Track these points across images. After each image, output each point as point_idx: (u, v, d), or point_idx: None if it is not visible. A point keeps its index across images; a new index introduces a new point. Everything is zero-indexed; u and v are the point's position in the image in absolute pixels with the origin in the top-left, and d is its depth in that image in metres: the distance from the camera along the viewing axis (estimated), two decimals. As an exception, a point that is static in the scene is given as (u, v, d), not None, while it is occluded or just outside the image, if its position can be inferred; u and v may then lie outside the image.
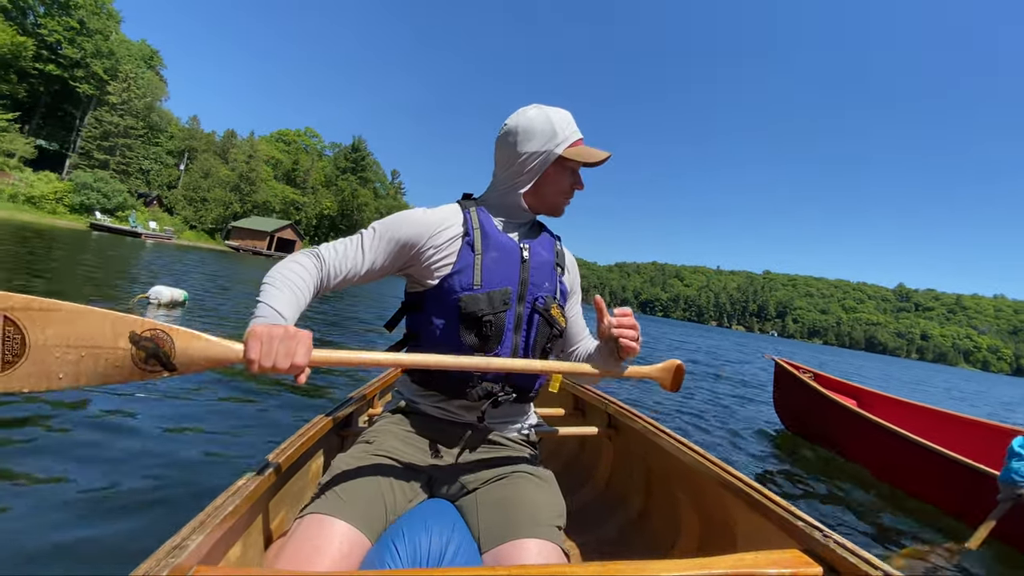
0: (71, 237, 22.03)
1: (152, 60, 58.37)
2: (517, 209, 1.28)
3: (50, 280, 7.96)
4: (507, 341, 1.19)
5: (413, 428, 1.23)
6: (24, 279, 7.52)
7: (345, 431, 1.68)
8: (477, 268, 1.17)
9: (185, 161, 58.15)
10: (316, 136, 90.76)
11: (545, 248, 1.29)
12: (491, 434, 1.25)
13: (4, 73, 39.49)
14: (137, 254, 18.83)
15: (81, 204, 40.78)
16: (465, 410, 1.22)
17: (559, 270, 1.31)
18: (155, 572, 0.68)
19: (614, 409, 1.99)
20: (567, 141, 1.23)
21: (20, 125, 42.12)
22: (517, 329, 1.20)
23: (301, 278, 1.06)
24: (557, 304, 1.27)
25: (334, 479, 1.02)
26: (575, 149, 1.23)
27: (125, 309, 6.43)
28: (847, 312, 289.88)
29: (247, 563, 1.02)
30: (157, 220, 49.08)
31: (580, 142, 1.25)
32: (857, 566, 0.85)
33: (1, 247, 11.91)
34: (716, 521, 1.36)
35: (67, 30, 44.07)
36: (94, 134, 46.89)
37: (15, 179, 38.17)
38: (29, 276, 7.92)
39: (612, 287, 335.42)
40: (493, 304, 1.15)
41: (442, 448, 1.20)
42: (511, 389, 1.21)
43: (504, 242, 1.22)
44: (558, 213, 1.32)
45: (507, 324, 1.18)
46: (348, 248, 1.17)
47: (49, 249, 13.65)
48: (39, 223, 31.04)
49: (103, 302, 6.64)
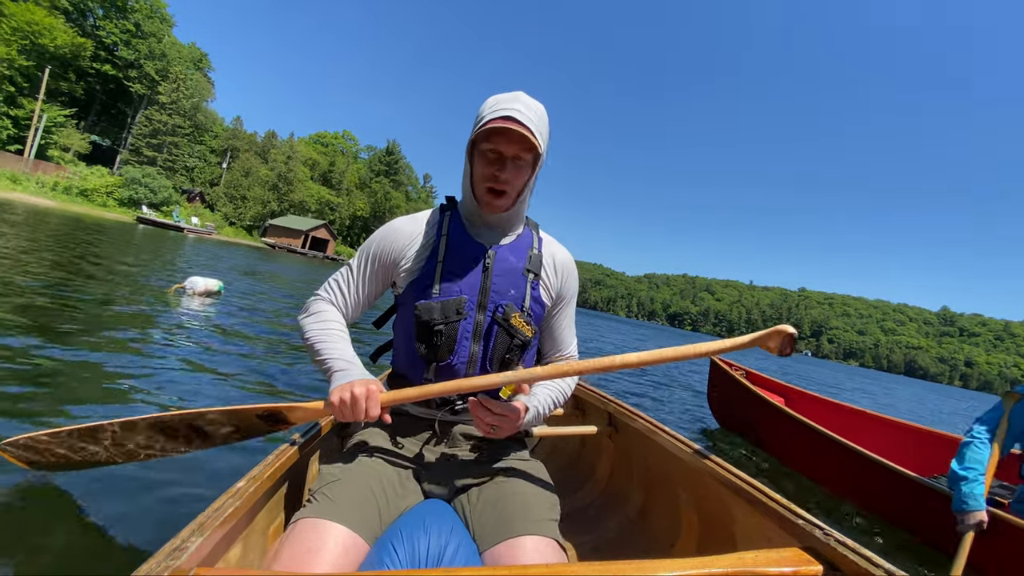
0: (119, 229, 22.90)
1: (201, 62, 60.43)
2: (475, 209, 1.23)
3: (103, 266, 8.49)
4: (462, 351, 1.17)
5: (401, 430, 1.23)
6: (82, 265, 8.13)
7: (344, 432, 1.67)
8: (437, 276, 1.17)
9: (227, 160, 59.99)
10: (353, 139, 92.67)
11: (515, 254, 1.24)
12: (479, 432, 1.20)
13: (64, 72, 41.43)
14: (179, 247, 19.55)
15: (129, 198, 42.52)
16: (436, 412, 1.24)
17: (530, 276, 1.24)
18: (155, 573, 0.68)
19: (614, 408, 1.98)
20: (480, 124, 1.12)
21: (76, 121, 44.22)
22: (476, 339, 1.18)
23: (341, 323, 1.25)
24: (520, 314, 1.21)
25: (327, 483, 1.02)
26: (482, 132, 1.12)
27: (163, 296, 6.81)
28: (886, 334, 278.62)
29: (247, 565, 1.02)
30: (199, 216, 50.68)
31: (497, 121, 1.10)
32: (858, 564, 0.84)
33: (59, 236, 12.65)
34: (716, 520, 1.35)
35: (123, 32, 46.20)
36: (144, 132, 48.75)
37: (70, 172, 40.07)
38: (86, 263, 8.39)
39: (640, 298, 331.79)
40: (446, 313, 1.14)
41: (431, 448, 1.21)
42: (473, 395, 1.19)
43: (468, 249, 1.20)
44: (485, 207, 1.19)
45: (461, 334, 1.17)
46: (349, 286, 1.27)
47: (100, 240, 14.30)
48: (90, 215, 32.25)
49: (144, 293, 6.96)
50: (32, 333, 3.72)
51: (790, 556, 0.88)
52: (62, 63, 40.80)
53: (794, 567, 0.85)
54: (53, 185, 37.55)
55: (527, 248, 1.26)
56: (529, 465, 1.20)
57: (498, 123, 1.08)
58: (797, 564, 0.86)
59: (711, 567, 0.79)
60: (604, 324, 37.43)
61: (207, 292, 7.27)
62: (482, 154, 1.15)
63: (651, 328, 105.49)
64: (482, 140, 1.13)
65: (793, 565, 0.85)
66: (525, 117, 1.10)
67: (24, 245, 9.04)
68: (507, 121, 1.08)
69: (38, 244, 9.76)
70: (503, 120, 1.09)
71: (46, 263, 7.37)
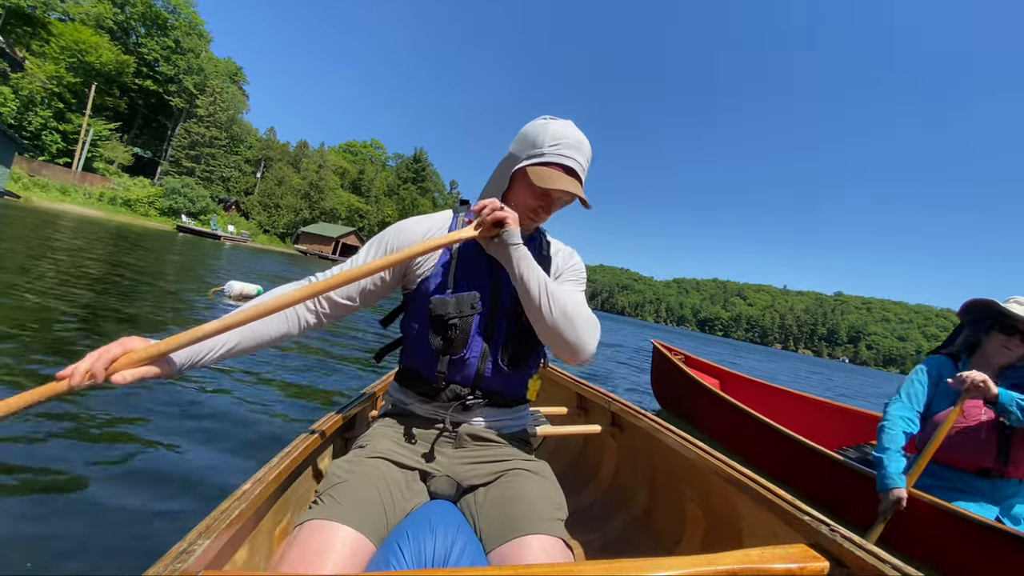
0: (161, 237, 23.97)
1: (236, 76, 62.45)
2: None
3: (149, 271, 9.18)
4: (475, 345, 1.19)
5: (405, 429, 1.23)
6: (127, 271, 8.68)
7: (349, 433, 1.68)
8: (451, 273, 1.21)
9: (261, 169, 61.65)
10: (381, 147, 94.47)
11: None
12: (485, 433, 1.23)
13: (108, 88, 43.36)
14: (217, 253, 20.39)
15: (169, 207, 43.98)
16: (444, 411, 1.22)
17: None
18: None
19: (617, 407, 1.97)
20: (538, 157, 1.15)
21: (120, 135, 46.18)
22: (488, 333, 1.20)
23: (276, 299, 0.99)
24: None
25: (332, 484, 1.02)
26: (537, 168, 1.15)
27: (204, 298, 7.25)
28: (929, 340, 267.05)
29: (253, 567, 1.02)
30: (235, 224, 52.25)
31: (557, 167, 1.14)
32: (864, 559, 0.84)
33: (108, 243, 13.70)
34: (721, 517, 1.34)
35: (164, 49, 48.08)
36: (183, 143, 50.51)
37: (114, 184, 41.79)
38: (134, 272, 8.80)
39: (669, 303, 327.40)
40: (461, 308, 1.16)
41: (436, 448, 1.20)
42: (481, 394, 1.21)
43: (479, 249, 1.23)
44: (526, 230, 1.25)
45: (474, 328, 1.18)
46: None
47: (144, 247, 15.18)
48: (134, 224, 33.50)
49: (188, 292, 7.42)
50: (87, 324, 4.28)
51: (796, 552, 0.88)
52: (107, 79, 42.66)
53: (800, 563, 0.84)
54: (99, 196, 39.12)
55: (536, 250, 1.29)
56: (535, 465, 1.19)
57: (558, 171, 1.13)
58: (803, 560, 0.85)
59: (717, 564, 0.79)
60: (630, 330, 36.89)
61: (243, 296, 7.66)
62: (530, 186, 1.17)
63: (680, 334, 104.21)
64: (535, 173, 1.14)
65: (799, 561, 0.85)
66: (582, 169, 1.16)
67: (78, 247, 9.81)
68: (569, 172, 1.14)
69: (91, 250, 10.46)
70: (565, 170, 1.14)
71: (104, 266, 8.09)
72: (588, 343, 1.12)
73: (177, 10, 49.00)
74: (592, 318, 1.15)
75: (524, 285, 1.11)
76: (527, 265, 1.11)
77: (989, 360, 2.08)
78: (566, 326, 1.10)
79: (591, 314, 1.16)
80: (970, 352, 2.15)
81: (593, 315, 1.16)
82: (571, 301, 1.13)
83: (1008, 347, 2.01)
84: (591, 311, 1.18)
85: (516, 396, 1.29)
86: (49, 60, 39.01)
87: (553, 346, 1.14)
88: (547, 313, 1.09)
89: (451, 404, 1.21)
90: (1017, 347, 2.00)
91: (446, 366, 1.18)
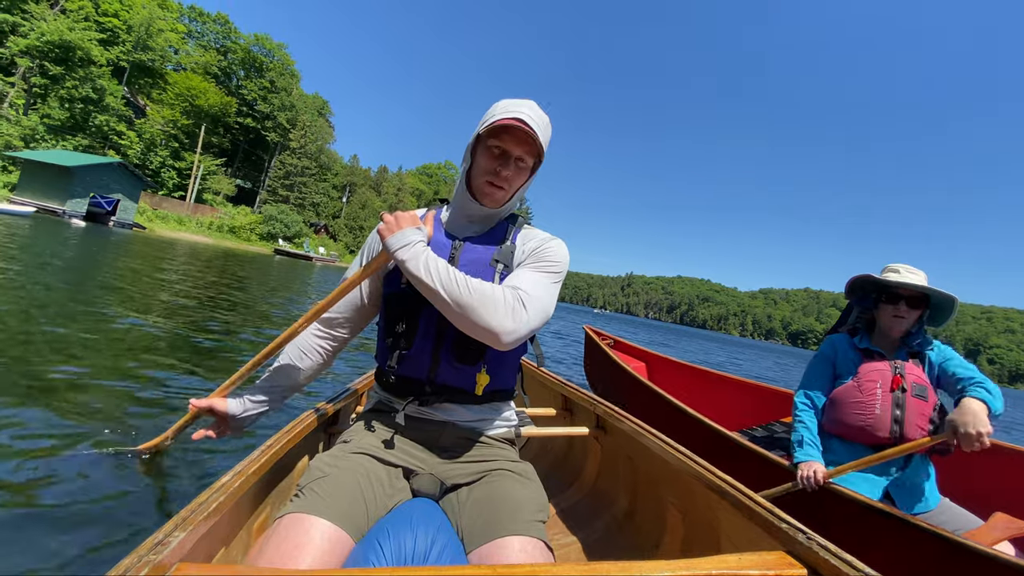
0: (261, 260, 26.24)
1: (323, 109, 67.00)
2: (467, 202, 1.27)
3: (253, 290, 10.42)
4: (426, 340, 1.19)
5: (388, 426, 1.23)
6: (238, 290, 9.82)
7: (332, 428, 1.65)
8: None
9: (347, 194, 65.30)
10: (454, 168, 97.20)
11: (484, 246, 1.27)
12: (470, 433, 1.24)
13: (215, 127, 48.05)
14: (309, 273, 22.43)
15: (268, 232, 47.53)
16: (400, 404, 1.22)
17: (499, 266, 1.24)
18: (136, 569, 0.66)
19: (602, 410, 1.95)
20: (491, 119, 1.17)
21: (225, 168, 50.80)
22: (441, 326, 1.18)
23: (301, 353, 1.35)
24: None
25: (314, 478, 1.01)
26: (488, 130, 1.19)
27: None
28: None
29: (230, 561, 1.01)
30: (324, 246, 55.60)
31: (504, 121, 1.16)
32: (839, 568, 0.84)
33: (222, 265, 15.84)
34: (701, 522, 1.34)
35: (260, 89, 52.75)
36: (278, 174, 54.71)
37: (221, 213, 46.00)
38: (243, 293, 9.78)
39: (755, 315, 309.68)
40: (412, 301, 1.18)
41: (421, 447, 1.20)
42: (431, 388, 1.21)
43: (438, 242, 1.25)
44: (485, 199, 1.24)
45: (423, 323, 1.19)
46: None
47: (250, 269, 17.28)
48: (237, 248, 36.38)
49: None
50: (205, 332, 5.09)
51: (773, 559, 0.88)
52: (213, 120, 47.29)
53: (777, 570, 0.85)
54: (209, 224, 43.12)
55: (499, 240, 1.28)
56: (518, 466, 1.19)
57: (508, 122, 1.15)
58: (780, 567, 0.86)
59: (696, 569, 0.79)
60: (714, 346, 34.62)
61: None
62: (487, 149, 1.20)
63: (770, 349, 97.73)
64: (489, 136, 1.19)
65: (776, 568, 0.85)
66: (533, 122, 1.16)
67: (195, 268, 11.29)
68: (517, 122, 1.15)
69: (210, 271, 12.23)
70: (513, 120, 1.15)
71: (220, 284, 9.44)
72: (494, 324, 1.03)
73: (272, 53, 53.75)
74: (506, 298, 1.06)
75: (419, 286, 1.08)
76: (414, 265, 1.07)
77: (887, 333, 2.09)
78: (469, 313, 1.03)
79: (504, 294, 1.07)
80: (869, 330, 2.20)
81: (515, 295, 1.08)
82: (474, 287, 1.05)
83: (899, 315, 2.02)
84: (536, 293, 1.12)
85: (469, 391, 1.22)
86: (166, 106, 43.96)
87: (470, 334, 1.07)
88: (444, 306, 1.06)
89: (407, 399, 1.21)
90: (907, 312, 2.01)
91: (396, 360, 1.20)
